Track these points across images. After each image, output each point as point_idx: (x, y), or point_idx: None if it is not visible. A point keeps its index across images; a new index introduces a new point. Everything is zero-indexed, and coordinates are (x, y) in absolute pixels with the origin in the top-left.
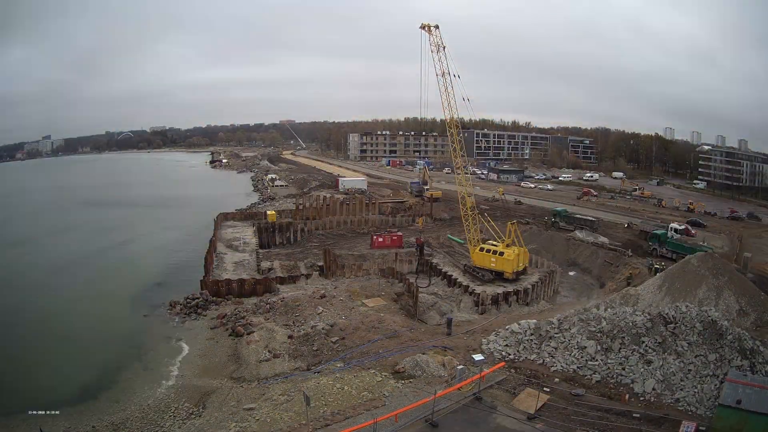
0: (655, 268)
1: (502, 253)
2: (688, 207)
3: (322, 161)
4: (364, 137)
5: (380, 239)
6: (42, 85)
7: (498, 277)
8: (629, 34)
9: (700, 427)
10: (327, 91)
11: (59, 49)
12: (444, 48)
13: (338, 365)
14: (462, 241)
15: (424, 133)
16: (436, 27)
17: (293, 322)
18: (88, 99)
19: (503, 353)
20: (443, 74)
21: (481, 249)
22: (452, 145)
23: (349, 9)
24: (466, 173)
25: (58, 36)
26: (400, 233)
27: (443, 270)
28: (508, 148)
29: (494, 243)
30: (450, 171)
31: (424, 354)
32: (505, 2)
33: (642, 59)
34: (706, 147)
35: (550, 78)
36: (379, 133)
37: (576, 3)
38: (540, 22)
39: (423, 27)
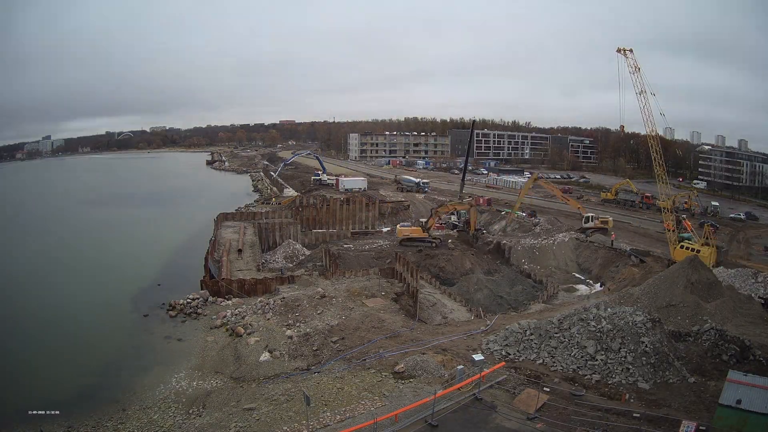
0: None
1: (698, 251)
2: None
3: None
4: (365, 137)
5: None
6: None
7: None
8: None
9: (700, 427)
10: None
11: None
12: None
13: (338, 365)
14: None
15: (423, 133)
16: (631, 51)
17: (293, 322)
18: None
19: (503, 353)
20: (641, 92)
21: (682, 246)
22: (655, 161)
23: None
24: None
25: None
26: None
27: None
28: (508, 148)
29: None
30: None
31: (424, 354)
32: None
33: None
34: (706, 147)
35: None
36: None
37: None
38: None
39: (619, 51)
